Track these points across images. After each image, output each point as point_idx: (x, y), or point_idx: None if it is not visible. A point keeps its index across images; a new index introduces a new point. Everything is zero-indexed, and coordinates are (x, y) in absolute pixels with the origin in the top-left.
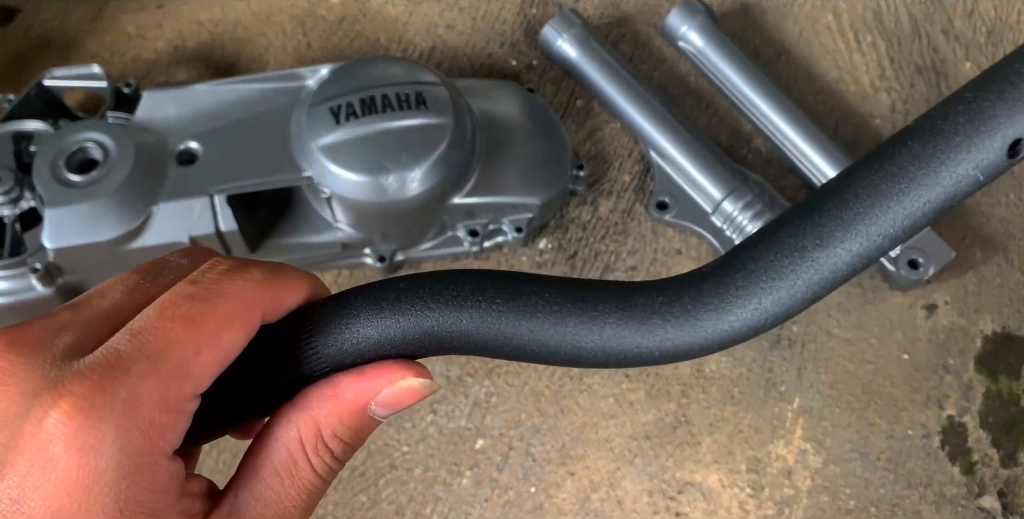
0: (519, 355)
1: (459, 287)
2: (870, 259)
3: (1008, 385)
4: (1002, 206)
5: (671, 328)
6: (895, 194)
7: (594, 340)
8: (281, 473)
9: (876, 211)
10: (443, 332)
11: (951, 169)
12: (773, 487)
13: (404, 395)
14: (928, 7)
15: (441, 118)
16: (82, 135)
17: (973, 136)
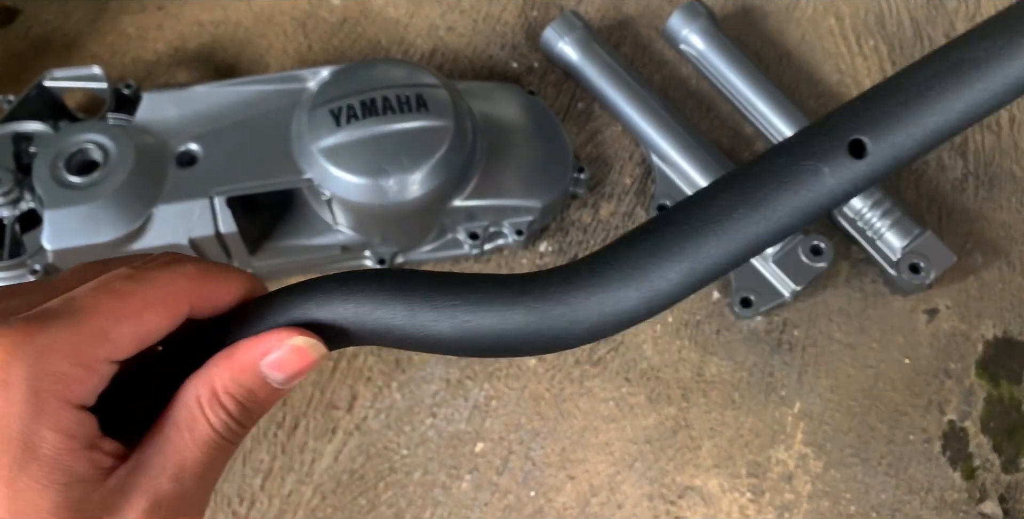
0: (413, 345)
1: (360, 283)
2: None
3: (1009, 390)
4: (1004, 210)
5: (532, 311)
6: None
7: (456, 325)
8: (181, 427)
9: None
10: (339, 322)
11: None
12: (773, 492)
13: (292, 356)
14: (930, 11)
15: (442, 120)
16: (82, 136)
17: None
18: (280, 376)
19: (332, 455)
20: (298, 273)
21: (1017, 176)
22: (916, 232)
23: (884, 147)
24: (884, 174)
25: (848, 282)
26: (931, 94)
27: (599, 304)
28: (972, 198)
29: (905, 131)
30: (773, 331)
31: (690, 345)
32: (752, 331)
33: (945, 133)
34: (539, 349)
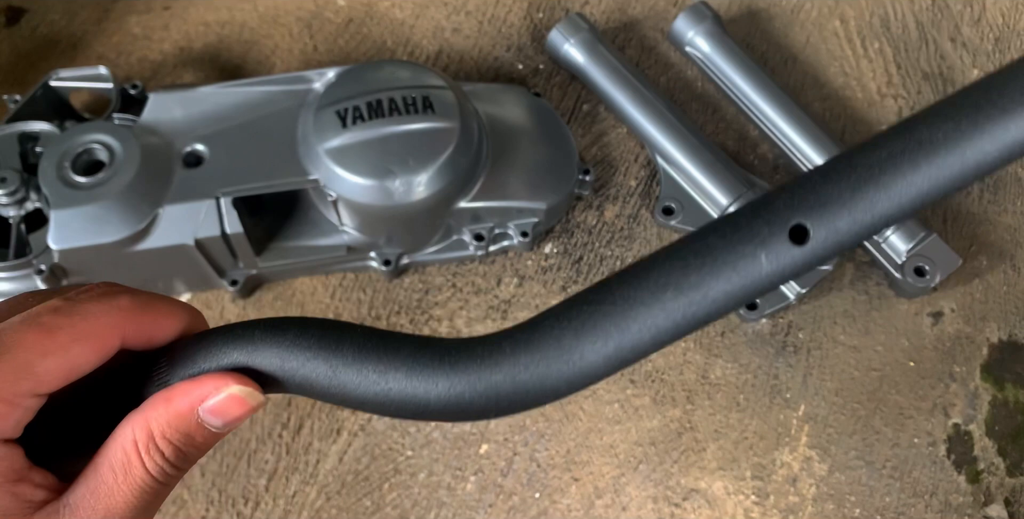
0: (335, 401)
1: (290, 336)
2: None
3: (1014, 393)
4: (1009, 214)
5: (441, 380)
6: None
7: (384, 387)
8: (116, 470)
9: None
10: (271, 371)
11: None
12: (778, 494)
13: (229, 404)
14: (935, 14)
15: (447, 122)
16: (88, 136)
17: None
18: (218, 422)
19: (337, 456)
20: (303, 274)
21: (1022, 179)
22: (921, 235)
23: (828, 234)
24: (826, 259)
25: (853, 285)
26: (883, 179)
27: (518, 382)
28: (977, 201)
29: (852, 217)
30: (778, 334)
31: (695, 347)
32: (757, 333)
33: (896, 218)
34: (459, 419)
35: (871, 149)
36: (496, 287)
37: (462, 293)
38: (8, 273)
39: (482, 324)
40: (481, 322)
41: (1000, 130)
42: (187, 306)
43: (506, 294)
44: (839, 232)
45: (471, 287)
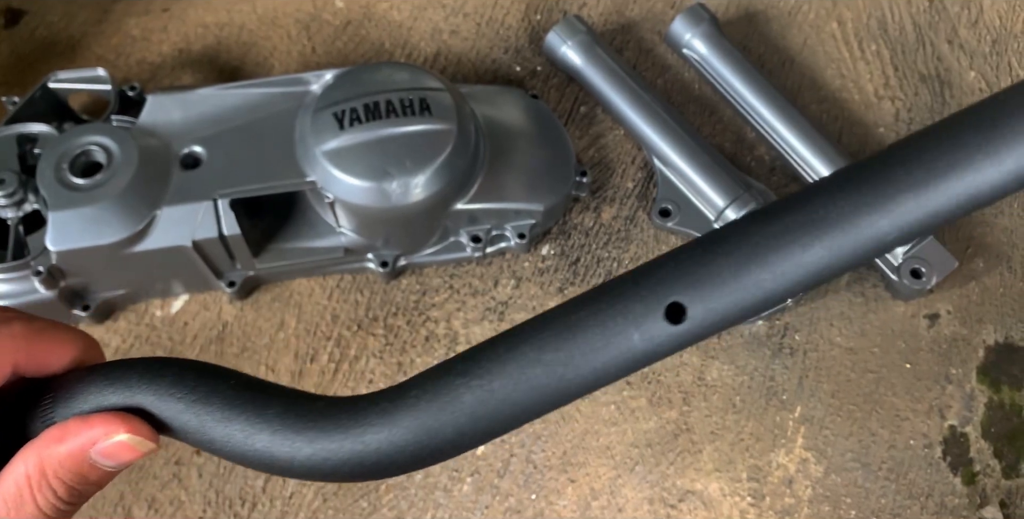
0: (206, 449)
1: (166, 384)
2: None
3: (1010, 395)
4: (1005, 216)
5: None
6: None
7: (250, 443)
8: (8, 503)
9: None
10: (154, 414)
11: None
12: (774, 496)
13: (119, 449)
14: (933, 16)
15: (445, 124)
16: (86, 138)
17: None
18: (111, 463)
19: None
20: (301, 275)
21: None
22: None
23: (706, 314)
24: (703, 337)
25: (849, 287)
26: (770, 258)
27: (381, 452)
28: None
29: (733, 297)
30: (774, 335)
31: (691, 349)
32: (753, 335)
33: (781, 298)
34: (329, 480)
35: (762, 222)
36: (493, 288)
37: (459, 294)
38: (6, 274)
39: (479, 325)
40: (478, 323)
41: (896, 207)
42: (82, 334)
43: (503, 295)
44: (718, 312)
45: (468, 288)
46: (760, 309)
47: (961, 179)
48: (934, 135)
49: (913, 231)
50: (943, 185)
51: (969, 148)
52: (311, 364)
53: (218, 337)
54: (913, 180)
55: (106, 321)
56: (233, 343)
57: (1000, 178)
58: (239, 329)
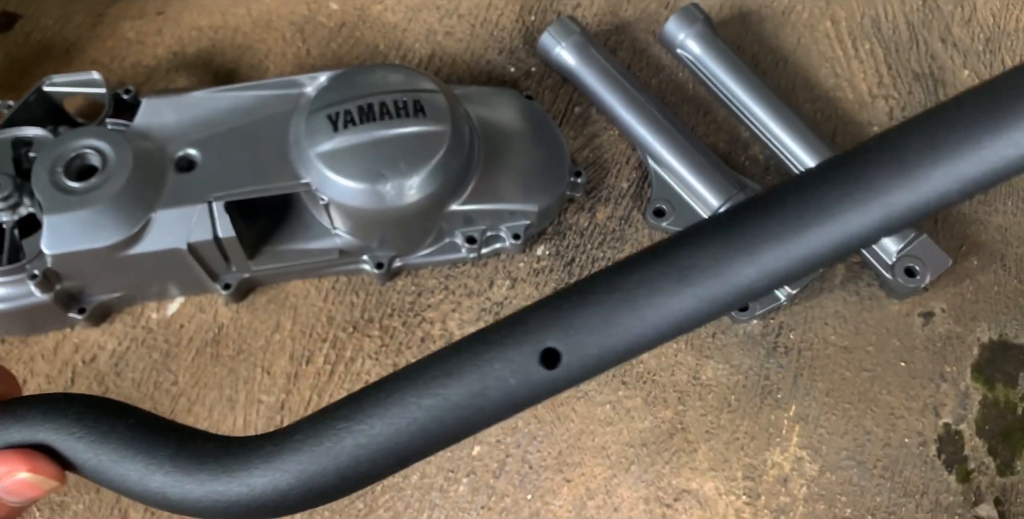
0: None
1: (67, 420)
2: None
3: (1005, 393)
4: (999, 214)
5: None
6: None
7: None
8: None
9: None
10: (57, 452)
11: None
12: (769, 495)
13: (21, 486)
14: (926, 14)
15: (439, 125)
16: (81, 142)
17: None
18: (15, 499)
19: None
20: (297, 277)
21: (1012, 180)
22: (911, 235)
23: (580, 359)
24: (578, 381)
25: (844, 285)
26: (639, 304)
27: (266, 496)
28: (968, 202)
29: (605, 342)
30: (769, 334)
31: (686, 348)
32: (748, 334)
33: (654, 343)
34: (216, 518)
35: (634, 270)
36: (488, 289)
37: (455, 295)
38: (2, 278)
39: (474, 326)
40: (474, 324)
41: (763, 255)
42: (2, 371)
43: (498, 296)
44: (592, 357)
45: (463, 289)
46: (634, 353)
47: (827, 229)
48: (801, 185)
49: (781, 278)
50: (808, 234)
51: (830, 198)
52: (307, 366)
53: (214, 339)
54: (782, 229)
55: (102, 324)
56: (229, 345)
57: (861, 228)
58: (235, 331)
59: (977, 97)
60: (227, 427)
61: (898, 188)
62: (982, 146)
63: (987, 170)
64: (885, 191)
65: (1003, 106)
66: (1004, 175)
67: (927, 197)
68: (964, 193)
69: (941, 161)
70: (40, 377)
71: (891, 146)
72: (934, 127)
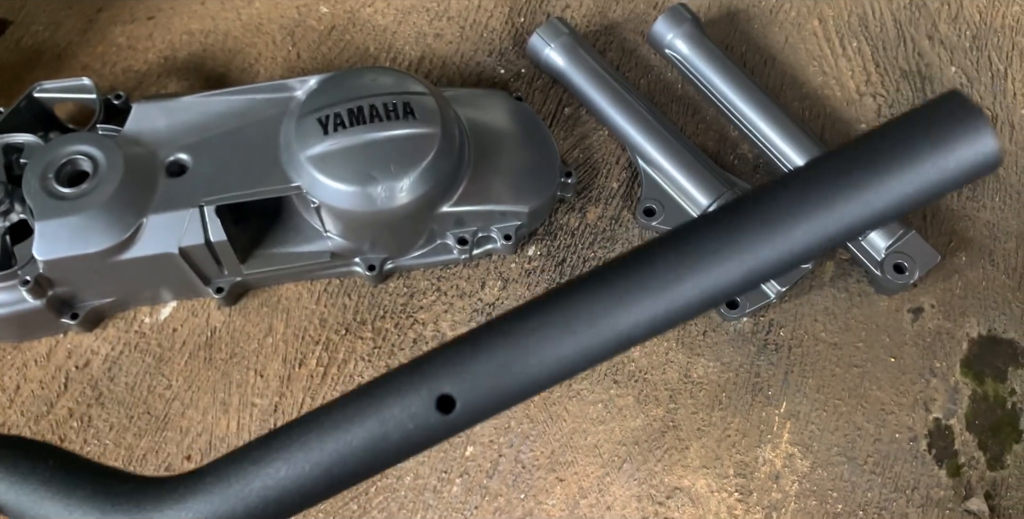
0: None
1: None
2: None
3: (994, 388)
4: (987, 210)
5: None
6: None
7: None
8: None
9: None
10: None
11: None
12: (761, 491)
13: None
14: (913, 12)
15: (429, 128)
16: (72, 147)
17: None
18: None
19: None
20: (289, 280)
21: (1000, 175)
22: (900, 232)
23: (474, 404)
24: (472, 424)
25: (833, 282)
26: (529, 351)
27: None
28: (956, 198)
29: (498, 388)
30: (759, 332)
31: (677, 347)
32: (738, 332)
33: (540, 388)
34: None
35: (521, 319)
36: (480, 290)
37: (447, 297)
38: None
39: (466, 327)
40: (466, 325)
41: (637, 306)
42: None
43: (490, 297)
44: (485, 402)
45: (455, 291)
46: (524, 397)
47: (697, 282)
48: (674, 241)
49: (656, 327)
50: (680, 287)
51: (701, 254)
52: (300, 368)
53: (207, 343)
54: (656, 283)
55: (95, 329)
56: (222, 349)
57: (729, 281)
58: (228, 335)
59: (833, 163)
60: (221, 430)
61: (764, 244)
62: (836, 207)
63: (842, 228)
64: (752, 247)
65: (858, 173)
66: (857, 231)
67: (790, 252)
68: (822, 247)
69: (801, 221)
70: (34, 383)
71: (758, 207)
72: (795, 191)
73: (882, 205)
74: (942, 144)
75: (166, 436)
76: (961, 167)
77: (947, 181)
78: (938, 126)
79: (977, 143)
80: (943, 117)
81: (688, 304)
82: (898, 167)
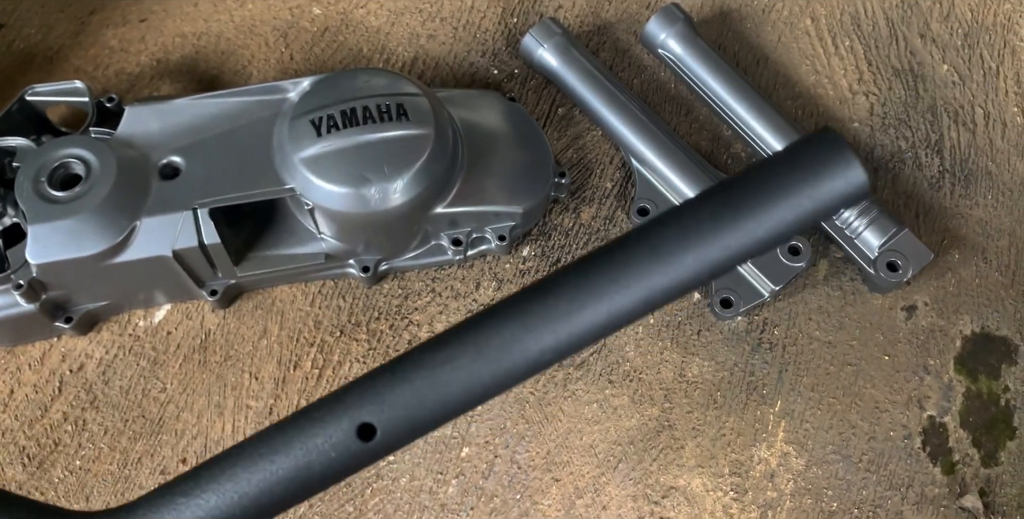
0: None
1: None
2: None
3: (988, 385)
4: (980, 207)
5: None
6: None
7: None
8: None
9: None
10: None
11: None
12: (756, 490)
13: None
14: (905, 11)
15: (422, 129)
16: (64, 151)
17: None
18: None
19: None
20: (283, 282)
21: (993, 173)
22: (893, 230)
23: (394, 431)
24: (393, 450)
25: (827, 281)
26: (443, 379)
27: None
28: (949, 196)
29: (415, 416)
30: (753, 331)
31: (672, 346)
32: (733, 331)
33: (456, 413)
34: None
35: (436, 349)
36: (475, 291)
37: (441, 298)
38: None
39: None
40: None
41: (544, 333)
42: None
43: (485, 298)
44: (404, 428)
45: (450, 291)
46: (441, 422)
47: (597, 309)
48: (574, 272)
49: (562, 352)
50: (582, 314)
51: (599, 283)
52: (294, 371)
53: (201, 346)
54: (559, 311)
55: (89, 332)
56: (216, 351)
57: (628, 306)
58: (222, 337)
59: (720, 195)
60: (216, 433)
61: (656, 273)
62: (722, 236)
63: (728, 254)
64: (646, 275)
65: (740, 204)
66: (742, 257)
67: (680, 279)
68: (712, 274)
69: (690, 249)
70: (27, 387)
71: (649, 238)
72: (683, 222)
73: (763, 232)
74: (814, 176)
75: (161, 439)
76: (833, 196)
77: (820, 209)
78: (811, 160)
79: (847, 174)
80: (817, 152)
81: (590, 330)
82: (776, 198)
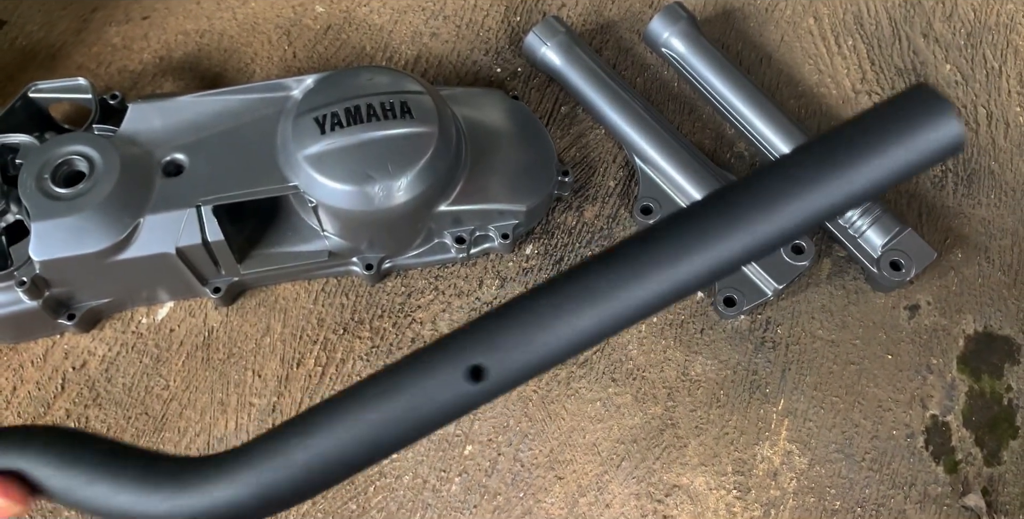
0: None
1: (35, 447)
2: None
3: (991, 384)
4: (983, 207)
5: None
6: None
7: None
8: None
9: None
10: (27, 478)
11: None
12: (759, 489)
13: None
14: (908, 10)
15: (426, 127)
16: (68, 148)
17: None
18: None
19: None
20: (286, 280)
21: (995, 172)
22: (896, 229)
23: (503, 373)
24: (504, 392)
25: (830, 280)
26: (552, 323)
27: (226, 504)
28: (952, 195)
29: (524, 358)
30: (756, 329)
31: (675, 345)
32: (736, 330)
33: (564, 356)
34: None
35: (544, 294)
36: (478, 289)
37: (444, 296)
38: None
39: None
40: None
41: (650, 279)
42: None
43: (488, 296)
44: (513, 370)
45: (453, 289)
46: (549, 366)
47: (702, 256)
48: (679, 220)
49: (668, 299)
50: (688, 260)
51: (704, 230)
52: (298, 368)
53: (204, 343)
54: (666, 257)
55: (92, 330)
56: (219, 349)
57: (730, 254)
58: (225, 335)
59: (815, 149)
60: (219, 430)
61: (760, 220)
62: (824, 188)
63: (826, 205)
64: (749, 222)
65: (838, 157)
66: (842, 208)
67: (782, 228)
68: (813, 223)
69: (793, 199)
70: (30, 384)
71: (751, 186)
72: (782, 176)
73: (861, 185)
74: (909, 129)
75: (164, 437)
76: (930, 148)
77: (915, 163)
78: (908, 112)
79: (942, 127)
80: (913, 105)
81: (694, 276)
82: (873, 150)
